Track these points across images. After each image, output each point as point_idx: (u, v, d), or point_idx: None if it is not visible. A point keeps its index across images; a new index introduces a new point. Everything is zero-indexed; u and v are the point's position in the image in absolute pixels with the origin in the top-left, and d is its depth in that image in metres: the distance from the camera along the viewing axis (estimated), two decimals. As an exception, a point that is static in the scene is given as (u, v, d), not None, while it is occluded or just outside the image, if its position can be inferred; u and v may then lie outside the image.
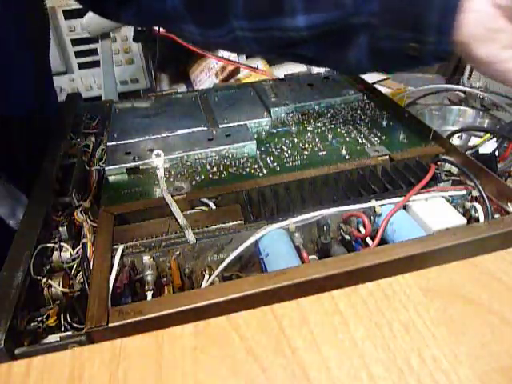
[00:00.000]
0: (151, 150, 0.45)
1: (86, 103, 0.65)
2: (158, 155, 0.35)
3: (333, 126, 0.50)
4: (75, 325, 0.31)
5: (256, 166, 0.43)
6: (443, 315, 0.24)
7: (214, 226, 0.35)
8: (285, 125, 0.52)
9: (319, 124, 0.51)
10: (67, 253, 0.35)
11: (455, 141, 0.56)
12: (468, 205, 0.37)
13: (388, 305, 0.25)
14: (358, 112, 0.53)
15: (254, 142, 0.46)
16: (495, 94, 0.67)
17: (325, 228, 0.35)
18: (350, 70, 0.54)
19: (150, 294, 0.31)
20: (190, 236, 0.34)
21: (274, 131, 0.50)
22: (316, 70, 0.87)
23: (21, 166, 0.49)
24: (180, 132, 0.49)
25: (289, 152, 0.45)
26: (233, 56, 0.84)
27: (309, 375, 0.21)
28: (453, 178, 0.41)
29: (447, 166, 0.41)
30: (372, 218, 0.36)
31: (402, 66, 0.46)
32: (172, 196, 0.36)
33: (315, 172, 0.41)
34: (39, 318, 0.29)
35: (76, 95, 0.64)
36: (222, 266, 0.33)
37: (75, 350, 0.24)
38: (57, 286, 0.32)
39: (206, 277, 0.34)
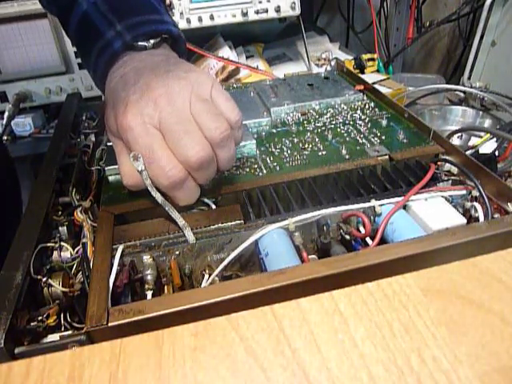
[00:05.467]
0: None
1: (85, 103, 0.65)
2: (136, 158, 0.32)
3: (333, 125, 0.50)
4: (75, 324, 0.31)
5: (256, 166, 0.43)
6: (443, 315, 0.24)
7: (213, 226, 0.35)
8: (285, 125, 0.52)
9: (319, 124, 0.51)
10: (67, 253, 0.35)
11: (455, 141, 0.56)
12: (468, 205, 0.37)
13: (388, 305, 0.25)
14: (358, 112, 0.53)
15: (254, 141, 0.46)
16: (495, 94, 0.67)
17: (325, 228, 0.35)
18: None
19: (149, 294, 0.31)
20: (190, 236, 0.34)
21: (274, 131, 0.50)
22: (316, 70, 0.87)
23: None
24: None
25: (289, 152, 0.45)
26: (233, 56, 0.84)
27: (309, 375, 0.21)
28: (453, 177, 0.40)
29: (447, 166, 0.41)
30: (372, 217, 0.36)
31: None
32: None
33: (315, 172, 0.41)
34: (39, 318, 0.29)
35: (76, 95, 0.64)
36: (221, 266, 0.33)
37: (75, 350, 0.24)
38: (57, 286, 0.32)
39: (206, 276, 0.34)
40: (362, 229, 0.35)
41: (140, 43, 0.39)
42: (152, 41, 0.40)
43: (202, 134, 0.33)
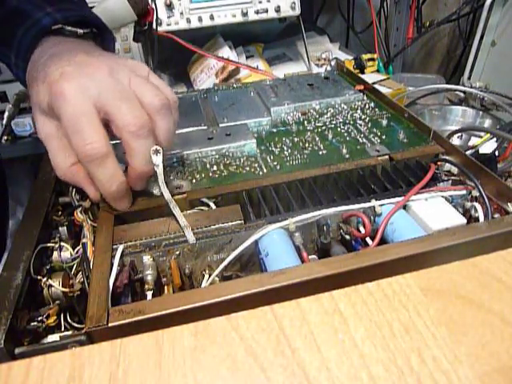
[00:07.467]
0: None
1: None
2: (156, 152, 0.34)
3: (333, 125, 0.50)
4: (75, 324, 0.31)
5: (256, 166, 0.43)
6: (443, 315, 0.24)
7: (213, 226, 0.35)
8: (285, 124, 0.52)
9: (319, 124, 0.51)
10: (67, 253, 0.35)
11: (455, 141, 0.56)
12: (468, 205, 0.37)
13: (388, 305, 0.25)
14: (358, 112, 0.53)
15: (254, 141, 0.46)
16: (495, 94, 0.67)
17: (325, 228, 0.35)
18: None
19: (149, 294, 0.31)
20: (190, 236, 0.34)
21: (274, 131, 0.50)
22: (316, 70, 0.87)
23: None
24: (180, 131, 0.49)
25: (289, 151, 0.45)
26: (233, 56, 0.84)
27: (309, 375, 0.21)
28: (453, 177, 0.40)
29: (447, 166, 0.41)
30: (372, 217, 0.36)
31: None
32: (172, 195, 0.36)
33: (315, 172, 0.41)
34: (39, 318, 0.29)
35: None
36: (222, 266, 0.33)
37: (75, 350, 0.24)
38: (57, 286, 0.32)
39: (206, 276, 0.34)
40: (362, 229, 0.35)
41: (71, 28, 0.38)
42: (82, 30, 0.39)
43: (140, 105, 0.33)
